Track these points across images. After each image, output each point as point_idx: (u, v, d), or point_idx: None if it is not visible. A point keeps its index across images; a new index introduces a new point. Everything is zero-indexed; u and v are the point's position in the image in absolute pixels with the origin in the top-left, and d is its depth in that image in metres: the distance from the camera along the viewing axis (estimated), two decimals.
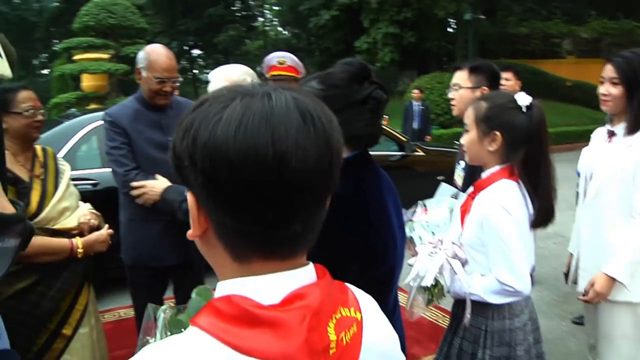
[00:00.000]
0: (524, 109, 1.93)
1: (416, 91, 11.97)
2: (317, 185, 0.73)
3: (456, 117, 2.80)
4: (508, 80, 4.87)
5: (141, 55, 2.86)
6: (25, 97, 2.42)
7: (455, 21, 23.44)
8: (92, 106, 15.14)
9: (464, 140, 2.08)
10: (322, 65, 33.12)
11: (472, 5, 16.05)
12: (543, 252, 5.75)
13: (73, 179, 4.31)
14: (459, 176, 2.88)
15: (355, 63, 1.57)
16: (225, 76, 2.31)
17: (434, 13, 20.04)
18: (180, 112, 2.90)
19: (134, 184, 2.69)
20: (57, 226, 2.45)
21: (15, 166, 2.39)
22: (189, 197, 0.75)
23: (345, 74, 1.54)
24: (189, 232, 0.77)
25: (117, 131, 2.80)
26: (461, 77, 2.79)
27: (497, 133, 1.94)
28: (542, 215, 1.94)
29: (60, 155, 4.50)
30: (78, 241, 2.44)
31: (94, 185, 4.64)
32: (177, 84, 2.91)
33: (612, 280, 2.29)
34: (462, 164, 2.83)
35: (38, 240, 2.25)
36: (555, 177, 1.98)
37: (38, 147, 2.61)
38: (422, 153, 7.10)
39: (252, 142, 0.67)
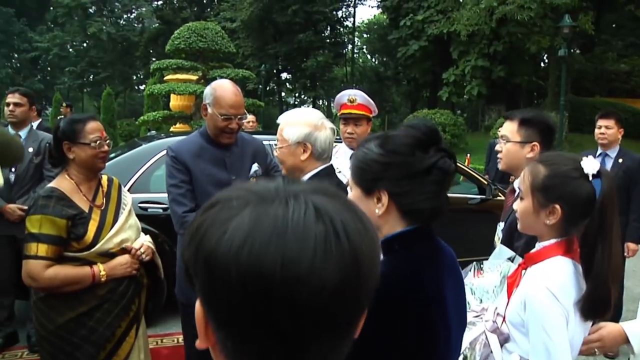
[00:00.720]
0: (590, 177, 1.69)
1: None
2: (338, 314, 0.62)
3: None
4: (609, 129, 4.50)
5: (208, 90, 2.81)
6: (92, 128, 2.46)
7: (547, 56, 22.61)
8: (178, 125, 15.83)
9: (516, 206, 1.87)
10: (409, 94, 33.16)
11: (566, 40, 15.37)
12: None
13: (146, 202, 4.53)
14: (497, 237, 2.64)
15: (421, 126, 1.39)
16: (304, 120, 2.29)
17: (526, 47, 19.43)
18: (246, 150, 2.90)
19: None
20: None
21: (76, 196, 2.43)
22: (197, 306, 0.68)
23: (408, 139, 1.36)
24: (197, 342, 0.69)
25: (178, 168, 2.75)
26: (510, 129, 2.51)
27: (557, 206, 1.71)
28: (591, 306, 1.66)
29: (134, 178, 4.70)
30: (99, 267, 2.41)
31: (165, 209, 4.75)
32: (244, 121, 2.84)
33: (624, 339, 1.92)
34: (502, 225, 2.61)
35: (62, 273, 2.30)
36: (620, 262, 1.71)
37: (104, 177, 2.64)
38: (504, 198, 6.53)
39: (256, 263, 0.58)
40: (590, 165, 1.70)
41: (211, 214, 0.65)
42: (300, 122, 2.27)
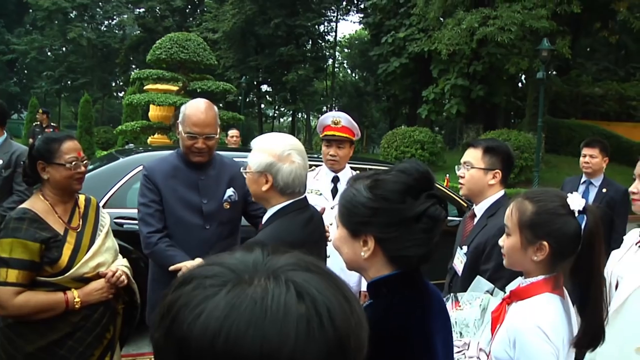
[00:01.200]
0: (577, 214, 1.70)
1: None
2: None
3: (521, 176, 2.61)
4: (593, 158, 4.55)
5: (182, 108, 2.78)
6: (69, 148, 2.36)
7: (526, 77, 23.02)
8: (156, 136, 15.66)
9: (502, 242, 1.86)
10: (388, 111, 33.37)
11: (545, 63, 15.66)
12: None
13: (123, 218, 4.43)
14: (459, 261, 2.66)
15: (413, 171, 1.34)
16: (268, 149, 2.09)
17: (505, 68, 19.73)
18: (223, 174, 2.84)
19: (172, 268, 2.52)
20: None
21: (51, 217, 2.34)
22: None
23: (399, 185, 1.32)
24: None
25: (150, 187, 2.72)
26: (474, 156, 2.62)
27: (545, 243, 1.71)
28: (589, 338, 1.68)
29: (111, 192, 4.61)
30: (74, 293, 2.31)
31: None
32: (213, 142, 2.76)
33: None
34: (465, 249, 2.63)
35: (32, 300, 2.21)
36: (606, 292, 1.72)
37: (81, 197, 2.55)
38: None
39: (234, 354, 0.53)
40: (576, 201, 1.71)
41: (184, 293, 0.60)
42: (264, 149, 2.11)
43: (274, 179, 2.06)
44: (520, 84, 26.39)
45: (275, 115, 51.06)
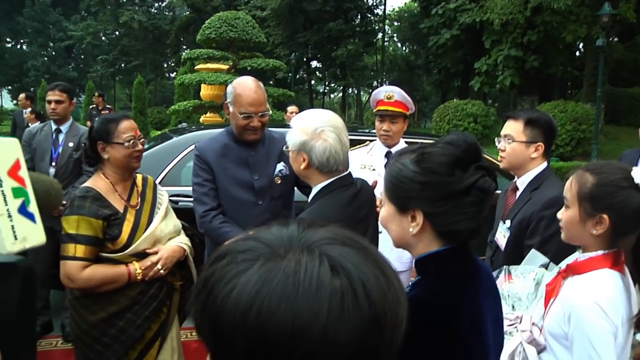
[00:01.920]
0: None
1: None
2: None
3: (578, 149, 2.53)
4: None
5: (229, 89, 2.79)
6: (126, 128, 2.43)
7: (584, 45, 22.04)
8: (208, 115, 15.91)
9: (561, 215, 1.81)
10: (440, 84, 32.77)
11: (605, 29, 14.89)
12: None
13: (178, 195, 4.55)
14: (502, 235, 2.60)
15: (461, 143, 1.29)
16: (303, 127, 2.03)
17: (562, 37, 18.93)
18: (272, 149, 2.87)
19: (227, 243, 2.57)
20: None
21: (111, 195, 2.43)
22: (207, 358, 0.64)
23: (446, 157, 1.27)
24: None
25: (202, 167, 2.77)
26: (515, 129, 2.54)
27: (605, 216, 1.65)
28: None
29: (165, 171, 4.74)
30: (135, 265, 2.41)
31: None
32: (266, 118, 2.80)
33: None
34: (508, 223, 2.56)
35: (98, 273, 2.32)
36: None
37: (139, 176, 2.64)
38: None
39: (265, 329, 0.53)
40: None
41: (218, 268, 0.60)
42: (298, 127, 2.05)
43: (309, 157, 2.02)
44: (577, 53, 25.30)
45: (326, 91, 50.92)
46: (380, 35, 42.00)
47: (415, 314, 1.22)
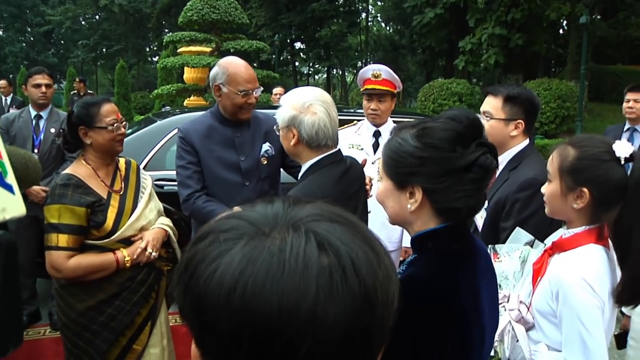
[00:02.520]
0: (622, 161, 1.61)
1: None
2: (350, 355, 0.54)
3: (562, 126, 2.46)
4: (638, 102, 4.30)
5: (217, 70, 2.74)
6: (108, 111, 2.38)
7: (567, 23, 22.05)
8: (192, 98, 15.77)
9: (544, 189, 1.79)
10: (425, 63, 32.70)
11: (588, 7, 14.90)
12: None
13: (162, 179, 4.51)
14: (479, 216, 2.48)
15: (463, 119, 1.26)
16: (291, 102, 2.05)
17: (545, 14, 18.93)
18: (258, 130, 2.84)
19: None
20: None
21: (94, 181, 2.38)
22: (193, 347, 0.62)
23: (448, 132, 1.24)
24: None
25: (186, 149, 2.73)
26: (494, 105, 2.40)
27: (585, 190, 1.64)
28: (629, 292, 1.60)
29: (150, 155, 4.69)
30: (123, 252, 2.37)
31: None
32: (259, 94, 2.78)
33: None
34: (486, 203, 2.51)
35: (84, 262, 2.28)
36: None
37: (122, 160, 2.59)
38: None
39: (250, 310, 0.51)
40: (622, 148, 1.62)
41: (201, 248, 0.57)
42: (287, 103, 2.07)
43: (298, 132, 2.03)
44: (561, 31, 25.33)
45: (310, 72, 50.65)
46: (364, 15, 41.81)
47: (414, 291, 1.21)
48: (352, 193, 2.16)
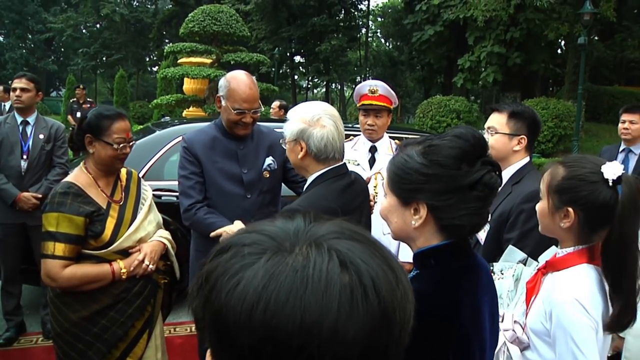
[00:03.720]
0: (610, 183, 1.60)
1: None
2: None
3: (559, 145, 2.53)
4: (633, 124, 4.33)
5: (222, 82, 2.76)
6: (119, 128, 2.36)
7: (565, 43, 22.23)
8: (191, 109, 15.81)
9: (537, 207, 1.81)
10: (423, 80, 32.85)
11: (586, 28, 15.04)
12: None
13: (160, 190, 4.51)
14: (482, 230, 2.52)
15: (469, 137, 1.27)
16: (300, 116, 2.10)
17: (544, 34, 19.10)
18: (261, 143, 2.86)
19: (213, 234, 2.58)
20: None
21: (93, 191, 2.37)
22: (208, 357, 0.62)
23: (454, 150, 1.25)
24: None
25: (190, 159, 2.75)
26: (498, 121, 2.53)
27: (570, 210, 1.65)
28: (620, 318, 1.59)
29: (148, 165, 4.69)
30: (120, 264, 2.35)
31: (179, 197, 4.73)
32: (258, 114, 2.79)
33: None
34: (488, 216, 2.56)
35: (79, 272, 2.27)
36: None
37: (123, 170, 2.57)
38: None
39: (272, 326, 0.51)
40: (611, 170, 1.61)
41: (222, 262, 0.58)
42: (296, 117, 2.11)
43: (307, 145, 2.06)
44: (559, 50, 25.54)
45: (309, 86, 50.81)
46: (363, 30, 42.00)
47: (417, 306, 1.23)
48: (356, 206, 2.19)
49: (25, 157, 4.06)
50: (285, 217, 0.64)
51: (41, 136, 4.12)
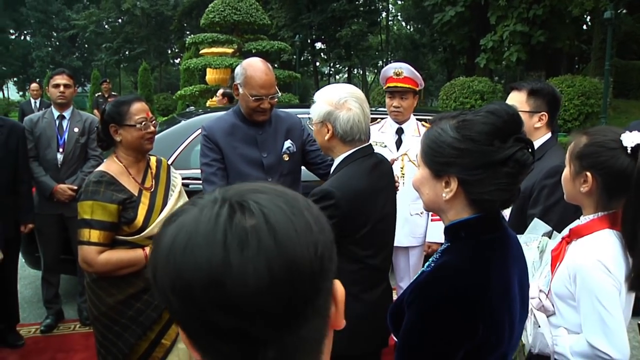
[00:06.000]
0: (629, 151, 1.65)
1: None
2: (283, 310, 0.57)
3: (586, 123, 2.54)
4: None
5: (238, 70, 2.81)
6: (137, 110, 2.44)
7: (591, 18, 21.72)
8: (215, 99, 15.92)
9: (563, 174, 1.86)
10: (446, 62, 32.50)
11: (613, 1, 14.67)
12: None
13: (187, 178, 4.59)
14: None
15: (502, 113, 1.27)
16: (327, 99, 2.15)
17: (568, 10, 18.67)
18: (280, 128, 2.91)
19: None
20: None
21: (125, 179, 2.45)
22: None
23: (487, 126, 1.26)
24: None
25: (210, 147, 2.80)
26: (519, 99, 2.54)
27: (588, 174, 1.71)
28: (637, 281, 1.65)
29: (175, 154, 4.78)
30: None
31: None
32: (276, 100, 2.83)
33: None
34: None
35: (114, 257, 2.36)
36: None
37: (152, 159, 2.64)
38: None
39: (180, 271, 0.57)
40: (630, 138, 1.66)
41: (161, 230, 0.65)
42: (322, 99, 2.17)
43: (333, 127, 2.12)
44: (585, 27, 24.96)
45: (331, 72, 50.69)
46: (384, 14, 41.67)
47: (447, 279, 1.28)
48: (383, 186, 2.23)
49: (61, 150, 4.20)
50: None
51: (76, 130, 4.26)
